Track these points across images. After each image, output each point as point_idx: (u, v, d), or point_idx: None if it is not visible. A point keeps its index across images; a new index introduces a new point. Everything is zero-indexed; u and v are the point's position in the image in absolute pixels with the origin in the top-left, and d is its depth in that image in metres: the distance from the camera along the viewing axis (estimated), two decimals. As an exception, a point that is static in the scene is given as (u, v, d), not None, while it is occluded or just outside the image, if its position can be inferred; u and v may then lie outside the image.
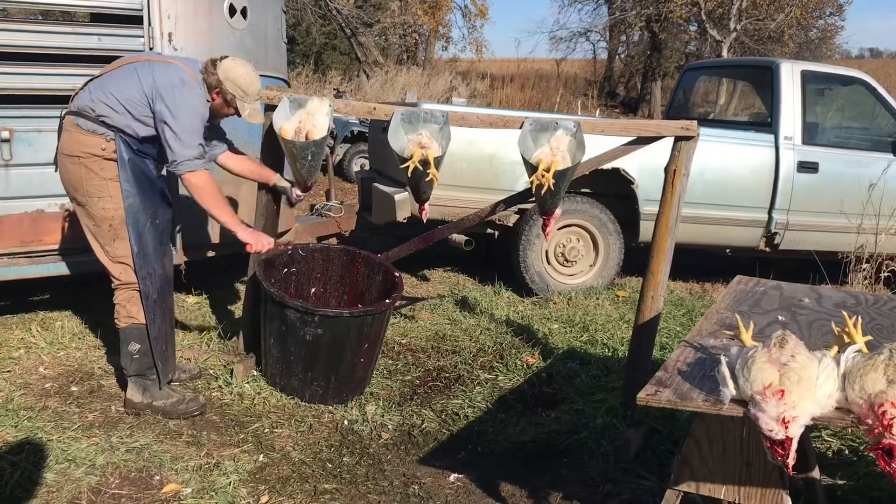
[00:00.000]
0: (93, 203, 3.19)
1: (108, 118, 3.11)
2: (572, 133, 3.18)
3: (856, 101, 6.32)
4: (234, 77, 3.23)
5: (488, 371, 4.00)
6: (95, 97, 3.13)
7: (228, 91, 3.24)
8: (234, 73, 3.24)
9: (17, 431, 3.04)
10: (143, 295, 3.26)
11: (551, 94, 19.51)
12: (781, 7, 19.62)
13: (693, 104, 7.59)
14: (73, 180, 3.20)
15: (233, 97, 3.26)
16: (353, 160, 10.60)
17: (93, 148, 3.13)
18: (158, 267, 3.31)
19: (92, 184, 3.17)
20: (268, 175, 3.62)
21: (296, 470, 2.96)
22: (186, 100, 3.14)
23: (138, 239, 3.21)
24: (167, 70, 3.19)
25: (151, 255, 3.27)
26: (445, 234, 4.17)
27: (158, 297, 3.33)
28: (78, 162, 3.16)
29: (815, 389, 1.75)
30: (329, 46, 21.96)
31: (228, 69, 3.24)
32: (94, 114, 3.11)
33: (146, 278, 3.26)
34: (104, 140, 3.13)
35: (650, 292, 3.37)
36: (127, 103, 3.11)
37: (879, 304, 2.77)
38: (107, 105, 3.11)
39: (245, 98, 3.27)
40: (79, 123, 3.14)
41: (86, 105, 3.14)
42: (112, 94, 3.11)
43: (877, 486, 2.84)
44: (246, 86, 3.25)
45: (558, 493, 2.91)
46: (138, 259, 3.22)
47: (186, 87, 3.16)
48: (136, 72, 3.16)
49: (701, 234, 5.67)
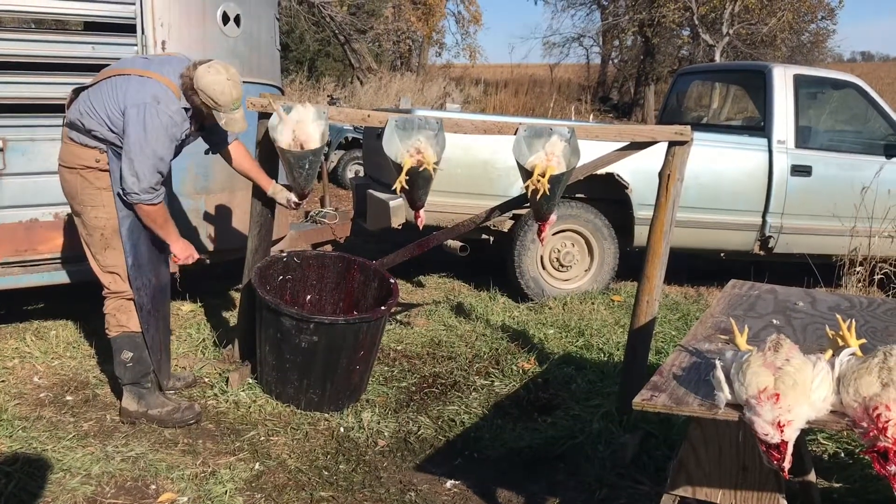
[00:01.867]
0: (87, 212, 3.19)
1: (97, 132, 3.09)
2: (567, 138, 3.19)
3: (848, 104, 6.35)
4: (203, 86, 3.05)
5: (484, 377, 4.00)
6: (84, 111, 3.10)
7: (201, 101, 3.09)
8: (204, 82, 3.04)
9: (12, 441, 3.03)
10: (137, 306, 3.26)
11: (545, 100, 19.56)
12: (773, 11, 19.72)
13: (686, 108, 7.61)
14: (71, 190, 3.21)
15: (209, 109, 3.11)
16: (347, 167, 10.61)
17: (87, 160, 3.13)
18: (153, 277, 3.32)
19: (86, 193, 3.16)
20: (265, 181, 3.61)
21: (292, 478, 2.95)
22: (150, 120, 3.00)
23: (133, 250, 3.21)
24: (141, 87, 3.05)
25: (146, 265, 3.26)
26: (440, 239, 4.17)
27: (152, 308, 3.33)
28: (75, 172, 3.16)
29: (810, 393, 1.75)
30: (323, 53, 21.97)
31: (200, 77, 3.05)
32: (85, 128, 3.10)
33: (140, 289, 3.26)
34: (98, 152, 3.12)
35: (645, 297, 3.38)
36: (108, 119, 3.06)
37: (873, 307, 2.78)
38: (93, 120, 3.08)
39: (218, 108, 3.09)
40: (73, 137, 3.15)
41: (76, 119, 3.13)
42: (96, 110, 3.08)
43: (872, 489, 2.85)
44: (216, 95, 3.06)
45: (555, 498, 2.90)
46: (133, 270, 3.22)
47: (158, 105, 3.02)
48: (115, 87, 3.07)
49: (695, 238, 5.68)
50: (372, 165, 6.48)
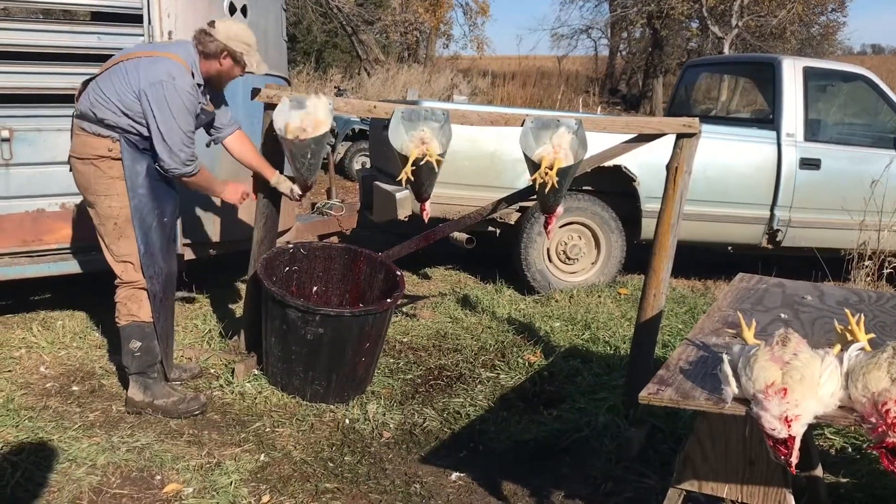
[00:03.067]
0: (100, 202, 3.20)
1: (109, 120, 3.11)
2: (574, 131, 3.17)
3: (858, 97, 6.31)
4: (235, 34, 3.27)
5: (490, 369, 3.99)
6: (94, 100, 3.12)
7: (236, 50, 3.27)
8: (234, 30, 3.28)
9: (18, 431, 3.04)
10: (150, 294, 3.28)
11: (553, 92, 19.49)
12: (783, 3, 19.61)
13: (695, 101, 7.57)
14: (84, 181, 3.22)
15: (241, 53, 3.29)
16: (354, 158, 10.61)
17: (100, 150, 3.14)
18: (164, 265, 3.32)
19: (100, 183, 3.18)
20: (269, 171, 3.61)
21: (297, 469, 2.95)
22: (171, 96, 3.10)
23: (145, 238, 3.22)
24: (153, 65, 3.14)
25: (157, 253, 3.28)
26: (446, 232, 4.16)
27: (164, 296, 3.35)
28: (88, 163, 3.17)
29: (818, 388, 1.74)
30: (330, 44, 21.95)
31: (228, 29, 3.28)
32: (97, 117, 3.11)
33: (153, 277, 3.27)
34: (110, 141, 3.14)
35: (652, 290, 3.36)
36: (122, 105, 3.10)
37: (882, 302, 2.76)
38: (105, 108, 3.11)
39: (250, 51, 3.32)
40: (84, 127, 3.15)
41: (87, 109, 3.14)
42: (108, 97, 3.10)
43: (880, 485, 2.84)
44: (248, 38, 3.31)
45: (560, 491, 2.90)
46: (145, 259, 3.24)
47: (174, 81, 3.11)
48: (126, 72, 3.13)
49: (703, 231, 5.65)
50: (378, 157, 6.47)
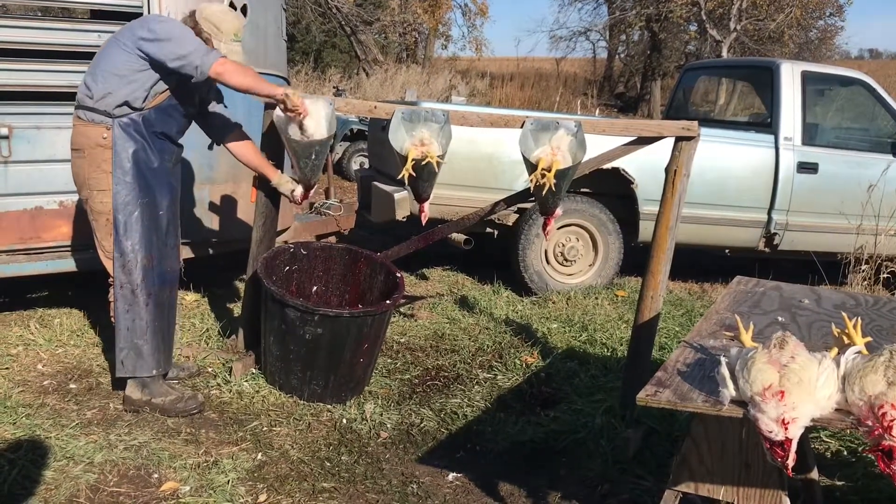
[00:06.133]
0: (93, 197, 3.19)
1: (110, 95, 3.08)
2: (573, 133, 3.18)
3: (856, 101, 6.32)
4: (207, 15, 3.20)
5: (487, 370, 4.00)
6: (88, 82, 3.12)
7: (203, 29, 3.19)
8: (209, 11, 3.21)
9: (16, 429, 3.04)
10: (141, 291, 3.22)
11: (551, 94, 19.50)
12: (781, 7, 19.63)
13: (693, 104, 7.58)
14: (78, 175, 3.22)
15: (208, 36, 3.19)
16: (352, 158, 10.61)
17: (95, 138, 3.12)
18: (158, 262, 3.27)
19: (94, 177, 3.16)
20: (270, 171, 3.60)
21: (294, 468, 2.95)
22: (173, 24, 3.16)
23: (125, 229, 3.16)
24: (143, 18, 3.22)
25: (144, 248, 3.20)
26: (445, 233, 4.17)
27: (159, 295, 3.30)
28: (82, 155, 3.16)
29: (815, 391, 1.75)
30: (329, 44, 21.94)
31: (203, 9, 3.23)
32: (94, 99, 3.09)
33: (132, 272, 3.20)
34: (104, 129, 3.11)
35: (650, 292, 3.37)
36: (118, 70, 3.07)
37: (879, 306, 2.77)
38: (103, 82, 3.08)
39: (219, 36, 3.20)
40: (80, 115, 3.15)
41: (83, 94, 3.13)
42: (103, 70, 3.09)
43: (875, 488, 2.84)
44: (218, 21, 3.20)
45: (557, 492, 2.90)
46: (127, 252, 3.18)
47: (168, 19, 3.19)
48: (115, 39, 3.15)
49: (700, 234, 5.67)
50: (377, 157, 6.47)
